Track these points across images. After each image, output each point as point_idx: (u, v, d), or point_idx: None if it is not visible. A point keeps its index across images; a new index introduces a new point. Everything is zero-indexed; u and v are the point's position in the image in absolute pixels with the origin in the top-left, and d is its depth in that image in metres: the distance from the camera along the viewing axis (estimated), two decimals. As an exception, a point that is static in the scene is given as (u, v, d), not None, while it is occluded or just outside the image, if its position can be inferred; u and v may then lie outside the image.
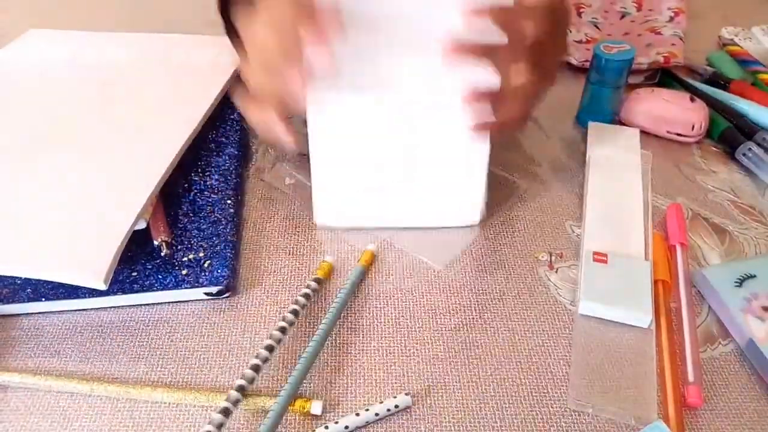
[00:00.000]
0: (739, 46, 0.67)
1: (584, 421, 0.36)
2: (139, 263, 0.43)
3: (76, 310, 0.42)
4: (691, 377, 0.38)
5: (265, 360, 0.38)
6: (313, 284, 0.42)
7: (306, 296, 0.42)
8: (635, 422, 0.36)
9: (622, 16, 0.72)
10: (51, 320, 0.42)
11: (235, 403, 0.35)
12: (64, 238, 0.41)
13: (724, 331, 0.41)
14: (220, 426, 0.34)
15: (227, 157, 0.52)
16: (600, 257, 0.44)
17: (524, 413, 0.37)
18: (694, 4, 0.73)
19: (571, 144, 0.57)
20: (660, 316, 0.41)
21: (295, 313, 0.40)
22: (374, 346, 0.40)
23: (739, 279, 0.42)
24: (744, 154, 0.53)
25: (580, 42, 0.69)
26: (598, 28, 0.71)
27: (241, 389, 0.36)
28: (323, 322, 0.40)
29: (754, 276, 0.42)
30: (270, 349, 0.38)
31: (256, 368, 0.37)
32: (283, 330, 0.39)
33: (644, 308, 0.41)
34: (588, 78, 0.56)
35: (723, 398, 0.38)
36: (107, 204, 0.43)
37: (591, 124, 0.56)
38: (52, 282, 0.41)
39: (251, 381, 0.37)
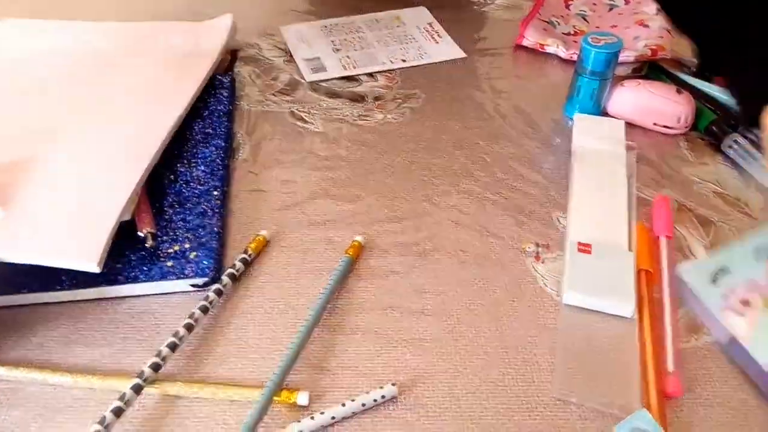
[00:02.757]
0: (725, 38, 0.67)
1: (569, 411, 0.37)
2: (123, 255, 0.43)
3: (59, 302, 0.42)
4: (671, 367, 0.38)
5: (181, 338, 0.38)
6: (239, 264, 0.43)
7: (231, 276, 0.42)
8: (618, 411, 0.36)
9: (610, 9, 0.72)
10: (35, 312, 0.41)
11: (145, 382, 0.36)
12: (55, 225, 0.41)
13: (708, 321, 0.42)
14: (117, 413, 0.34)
15: (214, 148, 0.52)
16: (584, 248, 0.44)
17: (509, 403, 0.37)
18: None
19: (557, 136, 0.57)
20: (643, 306, 0.42)
21: (218, 292, 0.41)
22: (360, 338, 0.40)
23: (714, 275, 0.41)
24: (730, 146, 0.54)
25: (568, 34, 0.69)
26: (586, 20, 0.71)
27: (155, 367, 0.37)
28: (309, 313, 0.40)
29: (727, 270, 0.41)
30: (189, 327, 0.39)
31: (172, 347, 0.38)
32: (205, 309, 0.40)
33: (627, 298, 0.41)
34: (575, 70, 0.56)
35: (706, 387, 0.38)
36: (95, 195, 0.43)
37: (577, 116, 0.56)
38: (35, 273, 0.40)
39: (163, 359, 0.37)
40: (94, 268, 0.38)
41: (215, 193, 0.48)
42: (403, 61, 0.65)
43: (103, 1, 0.76)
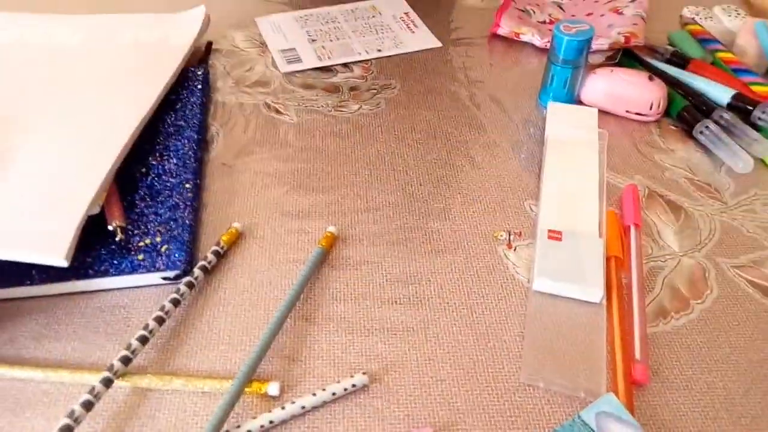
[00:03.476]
0: (699, 25, 0.67)
1: (536, 395, 0.37)
2: (93, 248, 0.42)
3: (29, 298, 0.42)
4: (638, 355, 0.39)
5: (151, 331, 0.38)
6: (211, 256, 0.43)
7: (203, 268, 0.42)
8: (584, 395, 0.37)
9: (586, -3, 0.73)
10: (4, 308, 0.41)
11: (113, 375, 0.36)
12: (21, 220, 0.40)
13: (678, 304, 0.42)
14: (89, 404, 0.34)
15: (186, 141, 0.52)
16: (554, 235, 0.44)
17: (479, 389, 0.38)
18: (657, -16, 0.73)
19: (532, 125, 0.57)
20: (612, 292, 0.42)
21: (189, 285, 0.41)
22: (332, 327, 0.41)
23: None
24: (701, 132, 0.54)
25: (543, 23, 0.69)
26: (561, 9, 0.71)
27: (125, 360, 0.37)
28: (281, 304, 0.40)
29: None
30: (160, 321, 0.39)
31: (142, 340, 0.38)
32: (176, 302, 0.40)
33: (596, 283, 0.41)
34: (548, 58, 0.56)
35: (674, 371, 0.39)
36: (62, 188, 0.43)
37: (550, 105, 0.56)
38: (3, 269, 0.40)
39: (133, 352, 0.37)
40: (62, 262, 0.38)
41: (187, 185, 0.48)
42: (379, 51, 0.65)
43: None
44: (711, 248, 0.46)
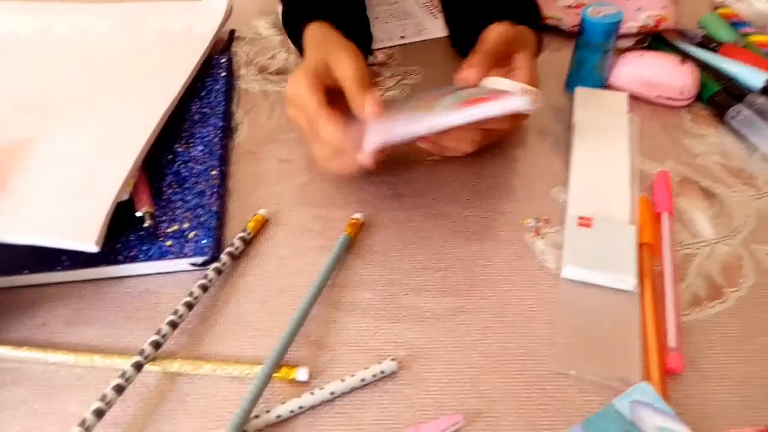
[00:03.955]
0: (730, 8, 0.65)
1: (568, 384, 0.37)
2: (123, 234, 0.43)
3: (60, 283, 0.42)
4: (672, 343, 0.38)
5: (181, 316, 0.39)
6: (238, 242, 0.43)
7: (230, 254, 0.42)
8: (618, 384, 0.36)
9: (614, -20, 0.71)
10: (36, 293, 0.42)
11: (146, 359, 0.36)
12: (53, 206, 0.41)
13: (712, 293, 0.41)
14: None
15: (211, 128, 0.52)
16: (584, 221, 0.44)
17: (509, 377, 0.37)
18: (686, -34, 0.71)
19: (559, 110, 0.56)
20: (645, 280, 0.41)
21: (217, 271, 0.41)
22: (359, 314, 0.40)
23: None
24: (733, 117, 0.53)
25: (569, 7, 0.67)
26: (588, -8, 0.70)
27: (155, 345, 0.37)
28: (308, 290, 0.40)
29: None
30: (189, 306, 0.39)
31: (172, 325, 0.38)
32: (204, 288, 0.40)
33: (628, 271, 0.41)
34: (576, 43, 0.55)
35: (709, 361, 0.38)
36: (91, 175, 0.43)
37: (578, 90, 0.55)
38: (35, 254, 0.41)
39: (163, 337, 0.38)
40: (93, 247, 0.38)
41: (213, 173, 0.48)
42: (402, 37, 0.64)
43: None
44: (746, 235, 0.45)
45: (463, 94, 0.42)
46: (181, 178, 0.47)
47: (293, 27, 0.53)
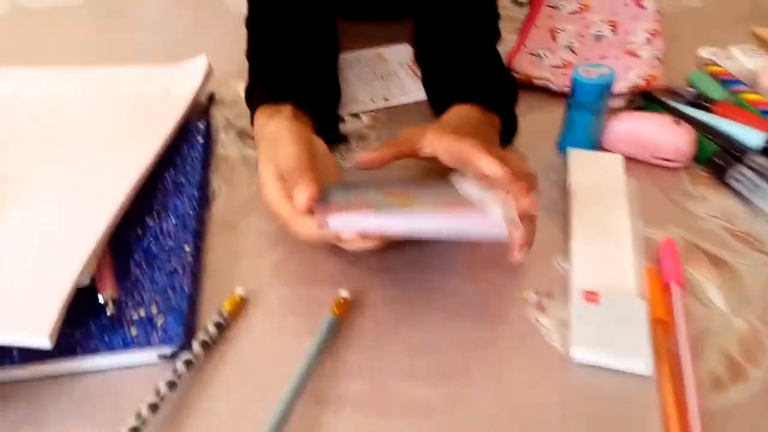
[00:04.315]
0: (719, 66, 0.65)
1: (586, 488, 0.32)
2: (82, 322, 0.38)
3: (9, 381, 0.37)
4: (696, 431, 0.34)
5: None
6: (212, 328, 0.39)
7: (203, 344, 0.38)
8: (643, 487, 0.32)
9: (598, 39, 0.70)
10: (-19, 393, 0.37)
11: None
12: (0, 293, 0.36)
13: (734, 373, 0.38)
14: None
15: (186, 199, 0.48)
16: (591, 296, 0.40)
17: (519, 480, 0.33)
18: (668, 25, 0.71)
19: (552, 172, 0.54)
20: (661, 361, 0.38)
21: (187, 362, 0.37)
22: (348, 410, 0.36)
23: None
24: (735, 179, 0.51)
25: (556, 67, 0.66)
26: (574, 52, 0.69)
27: None
28: (290, 384, 0.36)
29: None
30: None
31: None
32: (172, 384, 0.36)
33: (643, 353, 0.37)
34: (568, 103, 0.53)
35: (737, 452, 0.34)
36: (49, 257, 0.39)
37: (571, 151, 0.53)
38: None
39: None
40: (45, 343, 0.33)
41: (187, 248, 0.44)
42: (386, 99, 0.62)
43: (74, 43, 0.73)
44: (763, 306, 0.42)
45: (440, 195, 0.40)
46: (151, 255, 0.43)
47: (250, 102, 0.54)
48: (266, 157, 0.42)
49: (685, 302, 0.42)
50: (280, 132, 0.42)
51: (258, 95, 0.51)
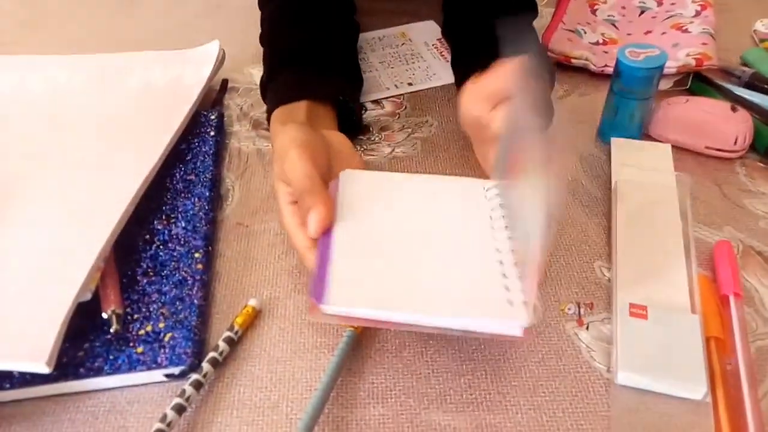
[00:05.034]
0: (778, 41, 0.59)
1: None
2: (85, 341, 0.36)
3: (9, 402, 0.35)
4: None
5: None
6: (223, 345, 0.36)
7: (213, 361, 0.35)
8: None
9: (642, 12, 0.65)
10: (-18, 415, 0.35)
11: None
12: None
13: (798, 399, 0.34)
14: None
15: (196, 199, 0.45)
16: (638, 311, 0.36)
17: None
18: (721, -6, 0.65)
19: (593, 164, 0.49)
20: (716, 385, 0.34)
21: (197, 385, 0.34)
22: (369, 436, 0.33)
23: None
24: (798, 171, 0.46)
25: (596, 44, 0.61)
26: (615, 26, 0.63)
27: None
28: (307, 407, 0.33)
29: None
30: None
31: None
32: (180, 409, 0.33)
33: (696, 376, 0.33)
34: (611, 88, 0.48)
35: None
36: (47, 272, 0.36)
37: (614, 141, 0.48)
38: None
39: None
40: (43, 368, 0.31)
41: (197, 255, 0.41)
42: (410, 84, 0.58)
43: (84, 29, 0.70)
44: (832, 321, 0.37)
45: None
46: (159, 263, 0.41)
47: (264, 99, 0.52)
48: (278, 176, 0.40)
49: (742, 315, 0.38)
50: (289, 146, 0.38)
51: (272, 95, 0.48)
